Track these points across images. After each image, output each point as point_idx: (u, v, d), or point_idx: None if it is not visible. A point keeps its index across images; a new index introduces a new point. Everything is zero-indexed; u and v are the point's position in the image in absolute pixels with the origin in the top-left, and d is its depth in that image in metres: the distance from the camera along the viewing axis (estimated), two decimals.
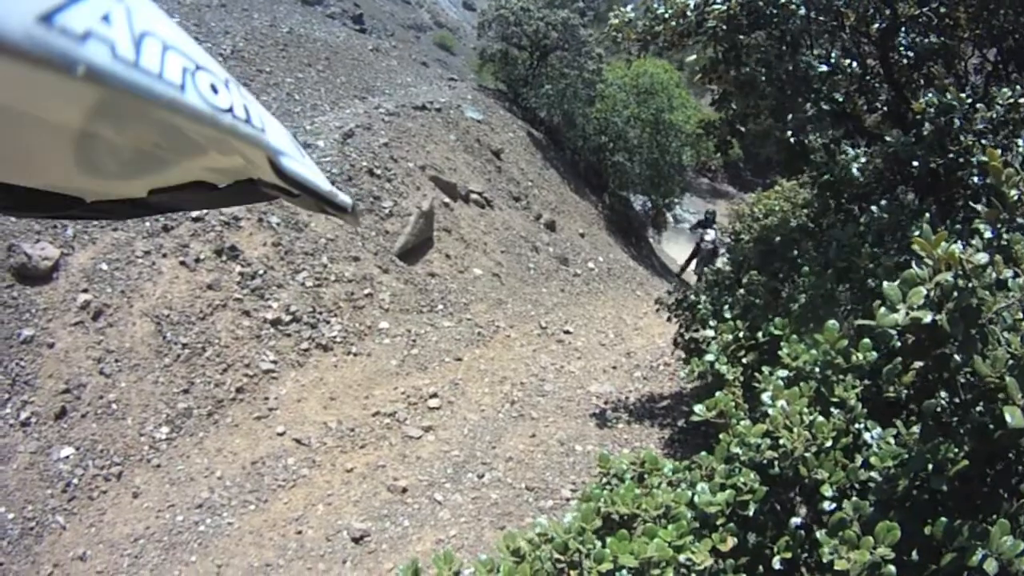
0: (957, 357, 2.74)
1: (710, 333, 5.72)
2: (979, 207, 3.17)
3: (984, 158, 3.42)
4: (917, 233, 2.92)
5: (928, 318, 2.49)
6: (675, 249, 21.23)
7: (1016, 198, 3.09)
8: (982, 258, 2.61)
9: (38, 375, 6.64)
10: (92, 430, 6.55)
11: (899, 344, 3.19)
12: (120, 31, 0.79)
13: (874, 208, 5.10)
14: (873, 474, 3.12)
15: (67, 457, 6.30)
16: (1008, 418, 2.41)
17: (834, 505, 3.10)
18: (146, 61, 0.81)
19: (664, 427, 6.97)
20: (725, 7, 6.06)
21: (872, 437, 3.41)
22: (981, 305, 2.63)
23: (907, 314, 2.47)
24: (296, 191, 1.09)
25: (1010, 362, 2.56)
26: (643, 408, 7.46)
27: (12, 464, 6.07)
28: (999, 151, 3.23)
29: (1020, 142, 4.31)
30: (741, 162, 27.12)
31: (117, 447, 6.55)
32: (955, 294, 2.57)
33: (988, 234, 3.14)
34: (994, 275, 2.65)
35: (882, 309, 2.53)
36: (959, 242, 2.84)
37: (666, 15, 6.49)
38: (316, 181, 1.10)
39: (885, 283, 2.55)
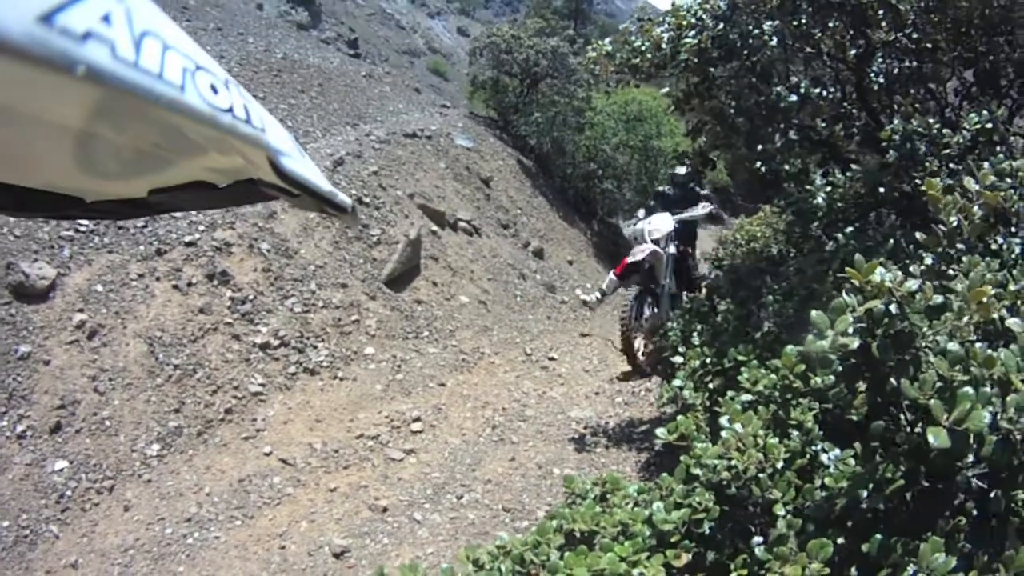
0: (893, 381, 2.88)
1: (679, 359, 5.86)
2: (917, 234, 3.33)
3: (965, 185, 3.55)
4: (883, 259, 3.06)
5: (855, 344, 2.65)
6: None
7: (955, 224, 3.25)
8: (912, 285, 2.76)
9: (34, 390, 6.79)
10: (86, 445, 6.69)
11: (840, 369, 3.33)
12: (120, 31, 0.81)
13: (839, 236, 5.22)
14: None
15: (61, 470, 6.44)
16: (931, 439, 2.53)
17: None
18: (146, 61, 0.83)
19: (641, 451, 7.09)
20: (696, 40, 6.25)
21: (829, 459, 3.53)
22: (913, 331, 2.79)
23: (834, 341, 2.63)
24: (296, 191, 1.15)
25: (938, 384, 2.70)
26: (622, 433, 7.58)
27: (7, 475, 6.21)
28: (957, 177, 3.38)
29: (986, 165, 4.46)
30: (731, 188, 27.28)
31: (110, 462, 6.68)
32: (885, 320, 2.73)
33: (929, 260, 3.31)
34: (924, 302, 2.80)
35: (810, 336, 2.69)
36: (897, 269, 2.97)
37: (643, 47, 6.67)
38: (316, 181, 1.16)
39: (813, 311, 2.71)
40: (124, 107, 0.85)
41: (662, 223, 9.40)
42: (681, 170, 10.54)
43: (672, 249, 9.34)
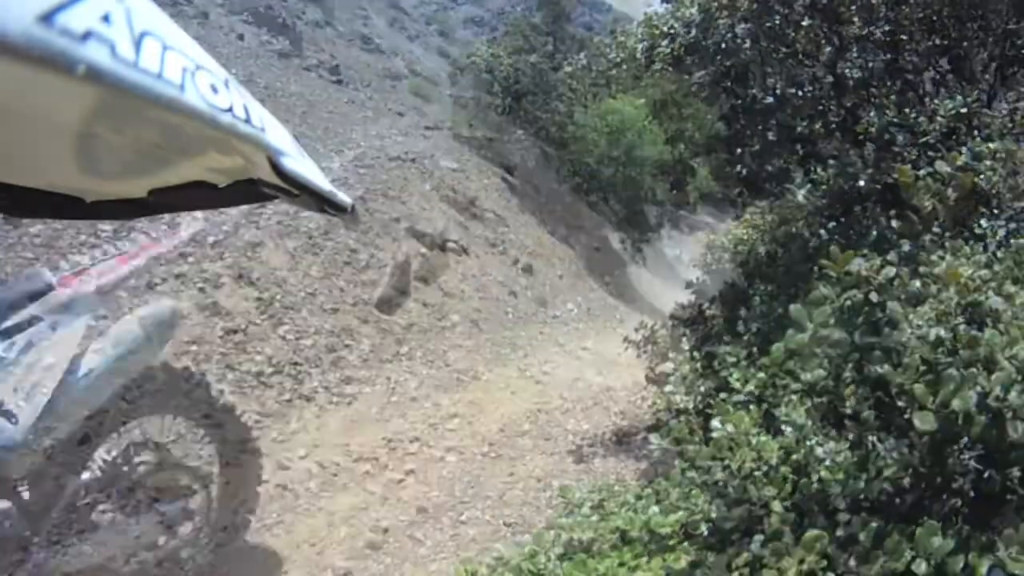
0: (877, 368, 2.88)
1: (669, 366, 5.86)
2: (893, 222, 3.34)
3: (936, 169, 3.54)
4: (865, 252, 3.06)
5: (836, 335, 2.65)
6: (657, 285, 21.23)
7: (930, 208, 3.26)
8: (889, 272, 2.77)
9: None
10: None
11: (827, 360, 3.32)
12: (120, 31, 0.80)
13: (823, 231, 5.22)
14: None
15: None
16: (917, 423, 2.54)
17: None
18: (146, 61, 0.83)
19: (640, 459, 7.08)
20: (669, 49, 6.27)
21: (825, 452, 3.52)
22: (894, 317, 2.79)
23: (815, 333, 2.63)
24: (296, 191, 1.14)
25: (922, 368, 2.70)
26: (619, 442, 7.57)
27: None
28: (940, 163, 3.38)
29: (964, 150, 4.45)
30: (718, 193, 27.16)
31: None
32: (866, 309, 2.74)
33: (906, 247, 3.32)
34: (902, 289, 2.81)
35: (790, 331, 2.69)
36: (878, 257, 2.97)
37: (618, 59, 6.70)
38: (316, 181, 1.15)
39: (791, 305, 2.71)
40: (124, 107, 0.85)
41: None
42: None
43: None
